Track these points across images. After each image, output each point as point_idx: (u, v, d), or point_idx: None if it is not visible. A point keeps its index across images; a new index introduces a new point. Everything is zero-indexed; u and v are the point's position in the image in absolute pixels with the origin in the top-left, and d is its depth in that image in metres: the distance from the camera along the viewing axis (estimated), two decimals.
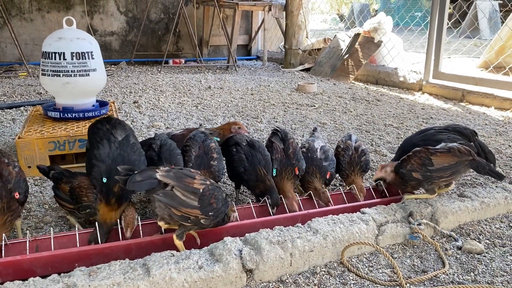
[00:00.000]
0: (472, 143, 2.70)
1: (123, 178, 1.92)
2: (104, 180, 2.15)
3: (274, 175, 2.63)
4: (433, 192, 2.54)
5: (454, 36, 10.60)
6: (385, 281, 1.99)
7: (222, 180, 2.88)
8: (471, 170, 2.53)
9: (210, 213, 2.03)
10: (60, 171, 2.40)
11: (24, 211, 2.59)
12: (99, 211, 2.15)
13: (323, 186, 2.69)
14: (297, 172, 2.62)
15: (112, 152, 2.22)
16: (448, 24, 6.53)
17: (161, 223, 2.09)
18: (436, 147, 2.51)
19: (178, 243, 2.08)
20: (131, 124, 4.59)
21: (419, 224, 2.33)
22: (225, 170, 2.83)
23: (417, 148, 2.53)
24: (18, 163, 2.34)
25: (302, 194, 2.76)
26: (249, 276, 1.96)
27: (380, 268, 2.10)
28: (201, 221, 2.02)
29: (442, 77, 6.50)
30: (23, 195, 2.23)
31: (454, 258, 2.20)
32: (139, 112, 5.15)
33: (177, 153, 2.59)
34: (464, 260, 2.18)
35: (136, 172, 1.93)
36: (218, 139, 2.84)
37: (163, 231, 2.26)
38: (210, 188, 2.04)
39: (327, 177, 2.72)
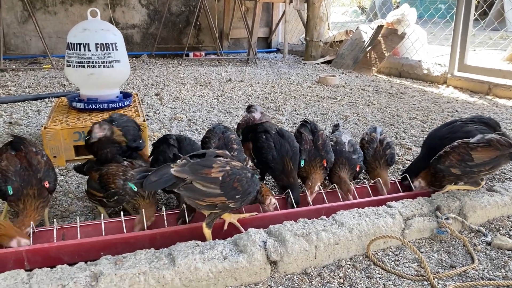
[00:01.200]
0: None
1: (138, 181, 1.89)
2: None
3: (302, 165, 2.61)
4: (476, 184, 2.47)
5: (479, 28, 10.33)
6: (412, 275, 1.95)
7: None
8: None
9: (237, 197, 2.00)
10: (93, 161, 2.44)
11: (50, 200, 2.63)
12: None
13: (350, 179, 2.66)
14: (325, 164, 2.59)
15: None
16: (474, 15, 6.36)
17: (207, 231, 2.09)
18: (473, 140, 2.42)
19: (207, 231, 2.07)
20: (154, 116, 4.62)
21: (447, 219, 2.27)
22: (247, 160, 2.82)
23: (456, 143, 2.44)
24: (45, 153, 2.38)
25: (326, 187, 2.72)
26: (273, 267, 1.95)
27: (406, 263, 2.06)
28: (229, 205, 2.00)
29: (468, 70, 6.34)
30: (53, 184, 2.28)
31: (484, 253, 2.14)
32: (161, 104, 5.17)
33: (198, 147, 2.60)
34: (494, 256, 2.12)
35: (150, 172, 1.90)
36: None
37: (187, 221, 2.26)
38: (231, 173, 1.99)
39: (357, 169, 2.68)
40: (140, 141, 2.79)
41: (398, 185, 2.76)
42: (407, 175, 2.70)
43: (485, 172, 2.40)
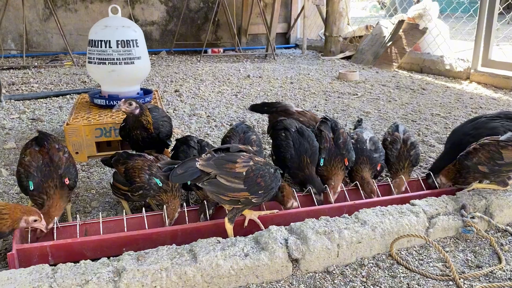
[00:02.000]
0: None
1: (165, 173, 1.91)
2: None
3: (321, 164, 2.58)
4: (504, 184, 2.39)
5: (504, 22, 10.06)
6: (436, 275, 1.91)
7: None
8: None
9: (259, 192, 2.00)
10: (120, 153, 2.45)
11: (72, 195, 2.66)
12: None
13: (372, 177, 2.61)
14: (346, 163, 2.55)
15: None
16: (499, 9, 6.20)
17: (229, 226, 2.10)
18: (504, 138, 2.33)
19: (229, 227, 2.07)
20: (173, 112, 4.64)
21: (473, 217, 2.22)
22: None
23: (486, 140, 2.38)
24: (67, 149, 2.41)
25: (348, 185, 2.69)
26: (295, 265, 1.93)
27: (431, 262, 2.02)
28: (252, 201, 2.00)
29: (492, 65, 6.19)
30: (73, 181, 2.31)
31: (511, 254, 2.08)
32: (181, 100, 5.19)
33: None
34: None
35: (176, 165, 1.92)
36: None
37: (208, 218, 2.26)
38: (255, 168, 1.99)
39: (378, 168, 2.63)
40: (169, 140, 2.90)
41: (422, 183, 2.70)
42: (431, 173, 2.65)
43: None
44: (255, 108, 3.39)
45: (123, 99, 2.64)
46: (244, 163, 1.98)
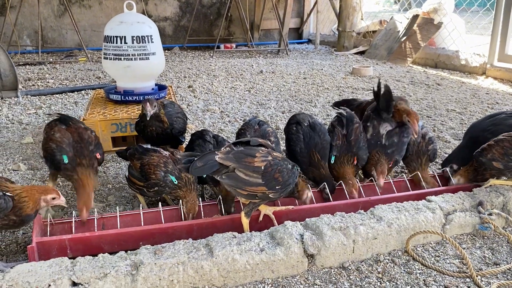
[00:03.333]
0: None
1: (185, 165, 1.94)
2: None
3: (332, 161, 2.57)
4: None
5: None
6: (453, 272, 1.90)
7: None
8: None
9: (277, 187, 2.00)
10: (135, 147, 2.47)
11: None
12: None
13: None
14: (355, 162, 2.54)
15: None
16: None
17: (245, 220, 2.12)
18: None
19: (245, 221, 2.08)
20: (187, 108, 4.66)
21: (490, 214, 2.20)
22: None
23: (501, 137, 2.36)
24: (92, 129, 2.53)
25: (363, 180, 2.68)
26: (310, 261, 1.93)
27: (447, 259, 2.01)
28: (269, 196, 2.01)
29: (509, 60, 6.09)
30: (102, 156, 2.45)
31: None
32: (194, 96, 5.21)
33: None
34: None
35: (196, 158, 1.94)
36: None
37: (223, 213, 2.27)
38: (273, 163, 2.00)
39: (390, 165, 2.61)
40: (183, 137, 2.92)
41: (438, 179, 2.68)
42: (446, 164, 2.64)
43: None
44: (337, 104, 3.34)
45: (147, 103, 2.61)
46: (263, 157, 1.99)
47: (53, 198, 1.99)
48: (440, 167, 2.86)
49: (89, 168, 2.29)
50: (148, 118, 2.62)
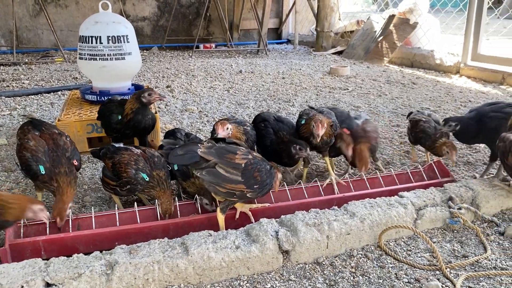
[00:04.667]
0: None
1: (165, 152, 1.93)
2: None
3: (302, 123, 2.61)
4: None
5: (493, 17, 10.13)
6: (424, 265, 1.95)
7: None
8: None
9: (255, 186, 2.03)
10: (108, 146, 2.46)
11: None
12: None
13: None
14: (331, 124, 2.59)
15: None
16: (488, 3, 6.26)
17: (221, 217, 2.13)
18: None
19: (221, 217, 2.10)
20: (165, 108, 4.65)
21: (460, 209, 2.26)
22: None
23: None
24: (67, 134, 2.47)
25: (342, 176, 2.73)
26: (285, 257, 1.96)
27: (418, 252, 2.06)
28: (247, 195, 2.03)
29: (481, 59, 6.25)
30: (79, 162, 2.38)
31: (496, 243, 2.13)
32: (172, 96, 5.19)
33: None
34: (507, 245, 2.11)
35: (178, 146, 1.94)
36: None
37: (199, 212, 2.29)
38: (253, 162, 2.03)
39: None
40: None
41: (411, 176, 2.74)
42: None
43: None
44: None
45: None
46: (244, 155, 2.03)
47: (41, 210, 1.93)
48: (415, 164, 2.92)
49: (69, 175, 2.23)
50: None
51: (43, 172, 2.19)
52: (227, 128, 2.36)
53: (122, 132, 2.82)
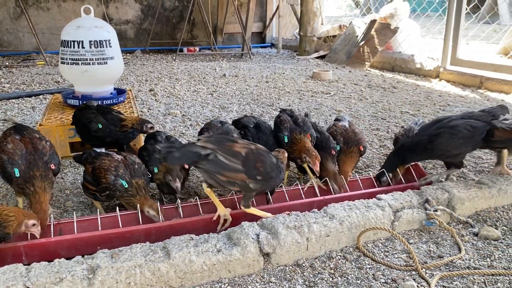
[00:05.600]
0: None
1: (163, 155, 1.97)
2: None
3: (286, 141, 2.66)
4: None
5: (472, 21, 10.36)
6: (400, 265, 2.01)
7: None
8: None
9: (258, 177, 2.04)
10: (89, 151, 2.47)
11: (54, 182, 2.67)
12: None
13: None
14: (309, 138, 2.65)
15: None
16: (466, 9, 6.41)
17: (207, 190, 2.15)
18: None
19: (251, 210, 2.15)
20: (148, 112, 4.65)
21: (436, 210, 2.33)
22: None
23: None
24: (48, 138, 2.46)
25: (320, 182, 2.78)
26: (266, 259, 2.00)
27: (395, 253, 2.12)
28: (249, 185, 2.04)
29: (460, 64, 6.40)
30: (57, 167, 2.37)
31: (471, 244, 2.20)
32: (155, 100, 5.20)
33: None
34: (480, 246, 2.18)
35: (175, 148, 1.98)
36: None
37: (181, 216, 2.31)
38: (255, 152, 2.05)
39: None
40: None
41: (389, 179, 2.80)
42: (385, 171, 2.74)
43: None
44: None
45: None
46: (245, 145, 2.05)
47: (33, 225, 1.97)
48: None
49: (45, 180, 2.22)
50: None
51: (17, 175, 2.19)
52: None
53: (101, 140, 2.82)
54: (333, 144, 2.73)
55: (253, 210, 2.16)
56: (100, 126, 2.78)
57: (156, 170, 2.43)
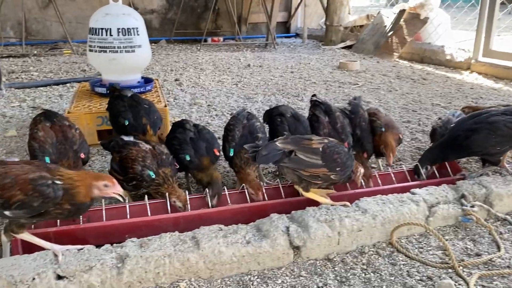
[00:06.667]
0: None
1: (251, 155, 2.05)
2: None
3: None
4: None
5: (505, 12, 10.00)
6: (436, 263, 1.93)
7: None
8: None
9: (337, 169, 2.10)
10: (116, 140, 2.44)
11: None
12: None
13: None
14: (346, 146, 2.56)
15: None
16: None
17: (296, 187, 2.22)
18: None
19: (309, 194, 2.17)
20: (174, 101, 4.64)
21: (472, 206, 2.23)
22: None
23: None
24: (77, 126, 2.46)
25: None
26: (296, 253, 1.95)
27: (430, 250, 2.04)
28: (331, 177, 2.10)
29: (493, 55, 6.17)
30: (87, 156, 2.37)
31: (510, 242, 2.10)
32: (181, 89, 5.18)
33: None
34: None
35: (261, 148, 2.04)
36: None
37: (210, 206, 2.28)
38: (330, 145, 2.12)
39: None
40: None
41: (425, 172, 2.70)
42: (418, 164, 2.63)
43: None
44: None
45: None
46: (319, 140, 2.13)
47: (105, 185, 1.78)
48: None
49: (73, 169, 2.17)
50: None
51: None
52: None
53: (128, 133, 2.78)
54: (369, 143, 2.69)
55: (311, 195, 2.18)
56: (127, 123, 2.73)
57: (188, 158, 2.41)
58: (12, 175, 1.66)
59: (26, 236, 1.78)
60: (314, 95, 2.89)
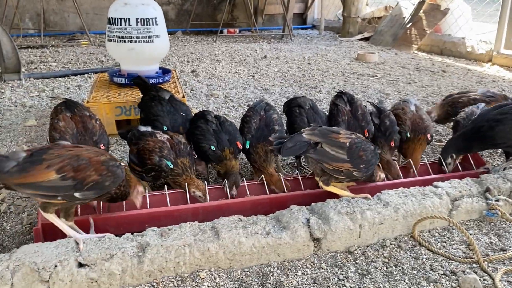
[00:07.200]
0: None
1: (276, 147, 2.04)
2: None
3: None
4: None
5: None
6: (460, 257, 1.89)
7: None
8: None
9: (361, 166, 2.08)
10: (133, 131, 2.44)
11: None
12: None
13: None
14: (366, 134, 2.53)
15: None
16: None
17: (316, 179, 2.20)
18: None
19: (329, 188, 2.15)
20: (191, 92, 4.63)
21: (497, 200, 2.18)
22: None
23: None
24: (98, 117, 2.45)
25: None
26: (316, 245, 1.93)
27: (453, 244, 2.00)
28: (353, 173, 2.08)
29: None
30: (107, 147, 2.37)
31: None
32: (198, 81, 5.17)
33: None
34: None
35: (286, 139, 2.03)
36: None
37: (229, 197, 2.26)
38: (357, 141, 2.09)
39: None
40: None
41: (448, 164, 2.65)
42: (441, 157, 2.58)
43: None
44: None
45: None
46: (347, 135, 2.10)
47: (141, 193, 2.01)
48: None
49: None
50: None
51: None
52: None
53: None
54: (396, 136, 2.60)
55: (332, 188, 2.16)
56: (166, 129, 2.59)
57: (214, 148, 2.40)
58: (85, 157, 1.75)
59: (55, 218, 1.80)
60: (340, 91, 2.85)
